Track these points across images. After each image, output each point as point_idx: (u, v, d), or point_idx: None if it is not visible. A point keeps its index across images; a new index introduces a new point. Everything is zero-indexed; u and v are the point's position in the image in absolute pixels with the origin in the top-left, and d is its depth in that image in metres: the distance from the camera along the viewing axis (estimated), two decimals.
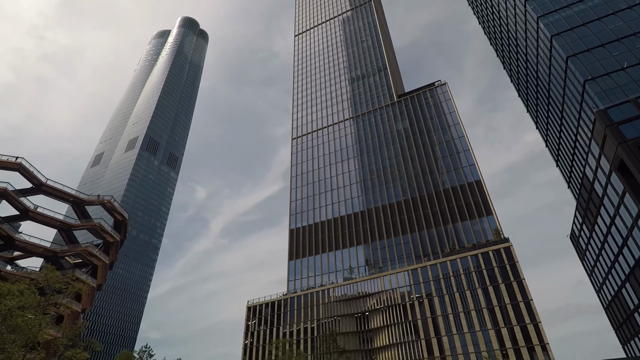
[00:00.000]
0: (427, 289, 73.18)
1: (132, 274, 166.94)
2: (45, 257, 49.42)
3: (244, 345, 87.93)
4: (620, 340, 53.33)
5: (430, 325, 69.49)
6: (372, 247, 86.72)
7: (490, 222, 76.54)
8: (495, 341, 62.46)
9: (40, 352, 22.78)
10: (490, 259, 69.08)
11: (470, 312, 66.77)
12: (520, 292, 63.77)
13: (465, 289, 68.94)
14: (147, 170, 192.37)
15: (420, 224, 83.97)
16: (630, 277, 42.15)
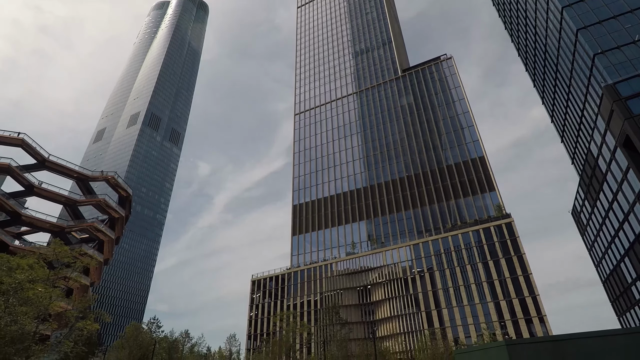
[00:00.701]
0: (428, 263, 74.31)
1: (138, 249, 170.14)
2: (52, 233, 50.26)
3: (249, 317, 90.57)
4: (616, 312, 54.46)
5: (430, 298, 71.04)
6: (374, 223, 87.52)
7: (492, 198, 76.72)
8: (494, 313, 63.95)
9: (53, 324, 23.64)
10: (491, 234, 69.69)
11: (470, 285, 68.05)
12: (520, 267, 64.71)
13: (466, 264, 69.98)
14: (150, 146, 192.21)
15: (422, 200, 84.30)
16: (629, 252, 42.55)
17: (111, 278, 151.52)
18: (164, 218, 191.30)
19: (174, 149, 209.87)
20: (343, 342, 55.63)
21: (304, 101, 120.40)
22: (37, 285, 20.42)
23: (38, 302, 19.53)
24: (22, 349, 18.06)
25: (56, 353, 38.21)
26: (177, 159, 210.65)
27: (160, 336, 57.36)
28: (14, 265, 21.39)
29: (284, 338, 61.62)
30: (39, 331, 21.91)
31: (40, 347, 20.56)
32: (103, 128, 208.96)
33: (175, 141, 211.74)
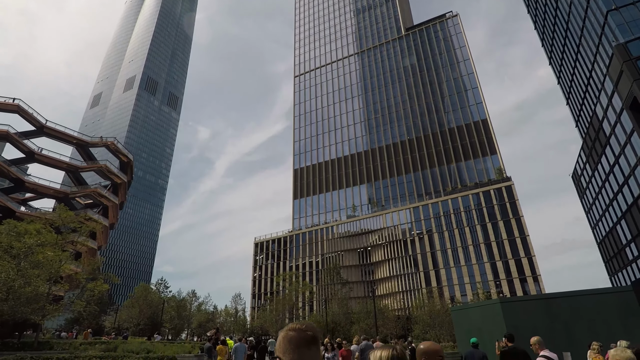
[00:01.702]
0: (427, 225, 75.65)
1: (142, 213, 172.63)
2: (57, 198, 50.86)
3: (253, 278, 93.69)
4: (609, 272, 56.12)
5: (429, 259, 73.02)
6: (375, 186, 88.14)
7: (493, 161, 76.68)
8: (490, 273, 65.99)
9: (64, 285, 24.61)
10: (491, 197, 70.36)
11: (468, 247, 69.70)
12: (517, 229, 65.93)
13: (465, 226, 71.24)
14: (148, 111, 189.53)
15: (423, 163, 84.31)
16: (626, 215, 43.13)
17: (118, 242, 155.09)
18: (166, 183, 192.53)
19: (173, 114, 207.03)
20: (344, 300, 57.87)
21: (303, 62, 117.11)
22: (47, 249, 20.99)
23: (49, 265, 20.19)
24: (38, 308, 18.92)
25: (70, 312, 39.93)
26: (176, 123, 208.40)
27: (168, 296, 59.68)
28: (22, 230, 21.91)
29: (287, 297, 64.05)
30: (52, 292, 22.81)
31: (55, 306, 21.52)
32: (99, 92, 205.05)
33: (173, 105, 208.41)
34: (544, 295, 23.85)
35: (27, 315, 18.77)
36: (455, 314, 22.44)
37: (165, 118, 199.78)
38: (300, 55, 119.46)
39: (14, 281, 16.79)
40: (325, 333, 45.44)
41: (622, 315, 14.47)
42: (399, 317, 52.77)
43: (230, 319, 66.24)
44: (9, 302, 16.50)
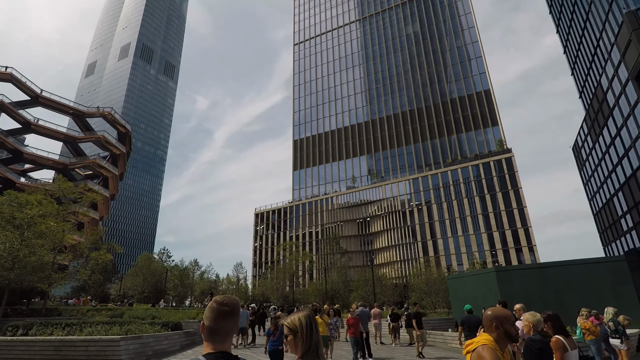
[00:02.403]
0: (426, 196, 76.20)
1: (142, 184, 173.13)
2: (56, 169, 50.79)
3: (253, 247, 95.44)
4: (603, 242, 57.10)
5: (427, 229, 74.10)
6: (375, 157, 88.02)
7: (494, 132, 76.18)
8: (487, 243, 67.20)
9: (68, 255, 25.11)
10: (490, 169, 70.45)
11: (465, 217, 70.56)
12: (515, 200, 66.49)
13: (463, 197, 71.80)
14: (144, 80, 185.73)
15: (424, 134, 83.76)
16: (624, 187, 43.36)
17: (120, 213, 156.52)
18: (165, 154, 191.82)
19: (170, 83, 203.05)
20: (343, 269, 59.21)
21: (303, 29, 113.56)
22: (49, 219, 21.23)
23: (52, 236, 20.50)
24: (44, 277, 19.40)
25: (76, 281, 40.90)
26: (173, 93, 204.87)
27: (171, 265, 60.99)
28: (23, 201, 22.06)
29: (288, 266, 65.47)
30: (57, 261, 23.30)
31: (60, 275, 22.06)
32: (94, 61, 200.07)
33: (170, 75, 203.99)
34: (537, 264, 24.43)
35: (34, 284, 19.29)
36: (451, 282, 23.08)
37: (162, 87, 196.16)
38: (300, 22, 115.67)
39: (19, 251, 17.12)
40: (325, 300, 46.83)
41: (613, 283, 14.90)
42: (396, 285, 54.20)
43: (232, 287, 68.01)
44: (15, 271, 16.89)
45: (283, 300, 55.88)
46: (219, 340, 1.73)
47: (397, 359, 12.99)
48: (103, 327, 12.99)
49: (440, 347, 15.54)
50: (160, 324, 15.38)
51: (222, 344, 1.74)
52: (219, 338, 1.73)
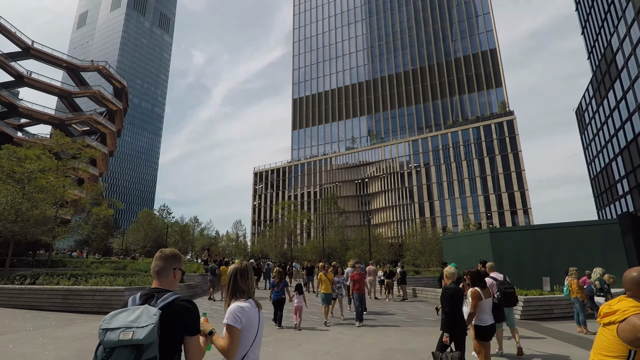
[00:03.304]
0: (425, 158, 76.22)
1: (140, 141, 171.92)
2: (52, 125, 50.12)
3: (252, 206, 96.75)
4: (597, 206, 58.00)
5: (424, 191, 74.86)
6: (375, 118, 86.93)
7: (498, 94, 74.74)
8: (483, 205, 68.21)
9: (70, 209, 25.49)
10: (491, 131, 69.90)
11: (463, 180, 71.07)
12: (514, 163, 66.65)
13: (462, 159, 71.86)
14: (139, 32, 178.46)
15: (426, 95, 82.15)
16: (623, 151, 43.33)
17: (119, 169, 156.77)
18: (163, 111, 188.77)
19: (165, 37, 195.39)
20: (340, 228, 60.51)
21: None
22: (48, 174, 21.28)
23: (53, 190, 20.66)
24: (47, 230, 19.80)
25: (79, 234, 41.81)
26: (169, 47, 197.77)
27: (171, 221, 62.09)
28: (22, 155, 21.99)
29: (286, 224, 66.78)
30: (59, 215, 23.66)
31: (63, 229, 22.50)
32: (85, 11, 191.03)
33: (165, 28, 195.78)
34: (530, 226, 24.95)
35: (38, 236, 19.74)
36: (446, 242, 23.70)
37: (157, 41, 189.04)
38: None
39: (21, 204, 17.32)
40: (322, 257, 48.28)
41: (603, 245, 15.32)
42: (392, 245, 55.68)
43: (232, 244, 69.75)
44: (18, 224, 17.21)
45: (281, 257, 57.57)
46: (158, 278, 2.20)
47: (390, 311, 13.62)
48: (107, 279, 13.47)
49: (431, 303, 16.24)
50: None
51: (160, 281, 2.19)
52: (158, 276, 2.20)
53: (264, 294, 18.87)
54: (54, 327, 9.27)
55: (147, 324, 1.78)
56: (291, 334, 9.18)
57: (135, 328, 1.76)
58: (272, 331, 9.47)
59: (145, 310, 1.87)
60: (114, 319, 1.83)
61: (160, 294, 2.04)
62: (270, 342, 8.19)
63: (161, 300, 1.99)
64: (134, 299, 2.02)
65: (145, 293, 2.06)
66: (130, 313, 1.85)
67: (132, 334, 1.74)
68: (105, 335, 1.76)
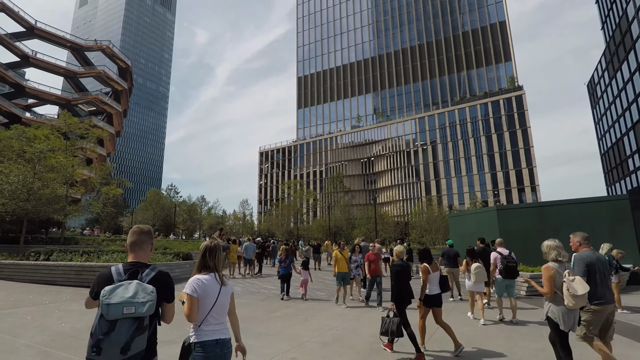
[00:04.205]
0: (432, 136, 75.42)
1: (146, 122, 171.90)
2: (59, 105, 50.23)
3: (259, 185, 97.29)
4: (607, 182, 57.40)
5: (431, 169, 74.47)
6: (381, 96, 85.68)
7: (507, 68, 72.92)
8: (490, 183, 67.83)
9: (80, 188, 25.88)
10: (499, 107, 68.66)
11: (470, 157, 70.43)
12: (523, 140, 65.72)
13: (470, 137, 71.00)
14: (141, 11, 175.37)
15: (433, 71, 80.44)
16: (636, 125, 42.44)
17: (126, 150, 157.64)
18: (167, 91, 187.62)
19: (168, 15, 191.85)
20: (346, 207, 60.79)
21: None
22: (58, 154, 21.53)
23: (63, 170, 20.93)
24: (59, 208, 20.20)
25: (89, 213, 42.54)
26: (172, 25, 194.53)
27: (179, 200, 62.84)
28: (31, 135, 22.21)
29: (292, 203, 67.24)
30: (70, 194, 24.05)
31: (74, 207, 22.94)
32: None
33: (167, 5, 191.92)
34: (538, 203, 24.83)
35: (50, 215, 20.17)
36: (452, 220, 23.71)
37: (160, 19, 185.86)
38: None
39: (32, 183, 17.63)
40: (328, 236, 48.79)
41: (612, 221, 15.23)
42: (397, 223, 55.94)
43: (239, 223, 70.64)
44: (31, 202, 17.56)
45: (288, 235, 58.27)
46: (136, 252, 2.46)
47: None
48: (119, 255, 13.79)
49: None
50: (172, 254, 16.25)
51: (138, 255, 2.46)
52: (136, 250, 2.46)
53: (272, 271, 19.26)
54: (68, 301, 9.59)
55: (146, 300, 2.14)
56: (297, 310, 9.40)
57: (136, 303, 2.10)
58: (278, 307, 9.71)
59: (140, 287, 2.19)
60: (112, 294, 2.11)
61: (142, 269, 2.37)
62: (277, 317, 8.41)
63: (146, 274, 2.33)
64: (119, 271, 2.31)
65: (129, 268, 2.33)
66: (125, 288, 2.15)
67: (135, 308, 2.08)
68: (108, 309, 2.06)
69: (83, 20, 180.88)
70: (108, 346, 2.03)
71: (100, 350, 2.03)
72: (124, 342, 2.05)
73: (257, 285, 13.83)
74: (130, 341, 2.07)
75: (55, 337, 6.15)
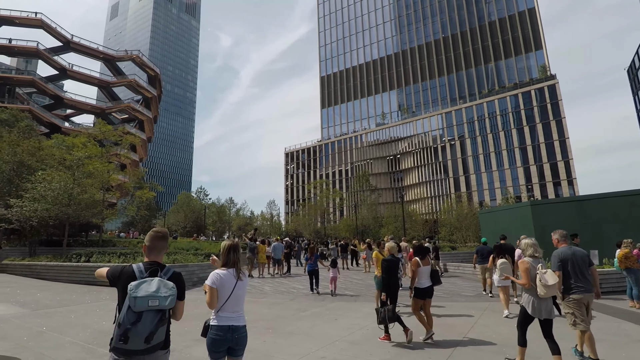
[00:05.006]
0: (460, 131, 73.51)
1: (175, 127, 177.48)
2: (94, 114, 52.78)
3: (285, 186, 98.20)
4: None
5: (459, 165, 72.60)
6: (405, 92, 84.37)
7: (537, 57, 69.90)
8: (523, 177, 65.32)
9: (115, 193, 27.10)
10: (531, 98, 66.00)
11: (501, 151, 68.10)
12: (557, 131, 62.89)
13: (500, 130, 68.67)
14: (167, 20, 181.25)
15: (458, 64, 78.34)
16: None
17: (157, 154, 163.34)
18: (195, 96, 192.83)
19: (192, 22, 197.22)
20: (373, 205, 60.25)
21: None
22: (94, 161, 22.61)
23: (99, 175, 21.98)
24: (97, 212, 21.23)
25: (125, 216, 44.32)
26: (197, 32, 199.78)
27: (208, 202, 64.37)
28: (70, 144, 23.45)
29: (318, 203, 67.38)
30: (106, 199, 25.20)
31: (111, 211, 24.04)
32: (117, 2, 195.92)
33: (192, 13, 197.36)
34: (576, 197, 23.66)
35: (89, 218, 21.23)
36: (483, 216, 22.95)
37: (185, 27, 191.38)
38: None
39: (72, 189, 18.61)
40: (356, 235, 48.55)
41: None
42: (426, 221, 54.88)
43: (267, 223, 71.49)
44: (71, 207, 18.56)
45: (315, 235, 58.44)
46: (154, 254, 2.64)
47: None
48: None
49: (467, 278, 16.04)
50: (203, 254, 16.69)
51: (155, 256, 2.64)
52: (154, 252, 2.64)
53: (298, 270, 19.38)
54: (108, 300, 10.03)
55: (168, 294, 2.38)
56: (327, 309, 9.40)
57: (160, 297, 2.34)
58: (308, 305, 9.75)
59: (162, 283, 2.42)
60: (138, 288, 2.33)
61: (161, 268, 2.59)
62: (307, 316, 8.44)
63: (164, 273, 2.55)
64: (140, 269, 2.52)
65: (149, 267, 2.56)
66: (149, 284, 2.38)
67: (158, 301, 2.31)
68: (135, 302, 2.28)
69: (114, 31, 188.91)
70: (135, 335, 2.24)
71: (127, 339, 2.24)
72: (148, 332, 2.27)
73: (286, 285, 13.96)
74: (154, 331, 2.30)
75: (97, 335, 6.45)
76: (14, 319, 7.66)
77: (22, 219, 17.54)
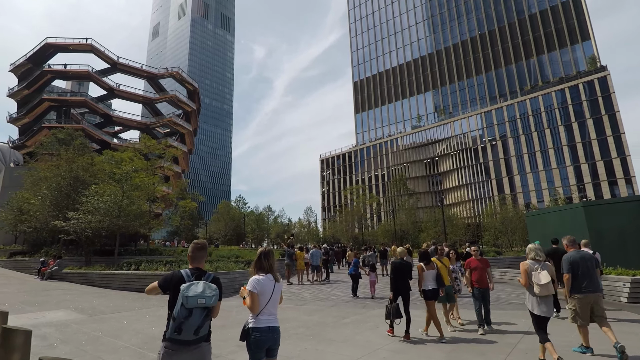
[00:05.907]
0: (501, 130, 70.49)
1: (214, 138, 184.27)
2: (140, 129, 56.04)
3: (321, 192, 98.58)
4: None
5: (502, 165, 69.51)
6: (441, 92, 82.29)
7: (585, 48, 65.71)
8: (573, 177, 61.38)
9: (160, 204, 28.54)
10: (579, 92, 62.07)
11: (547, 150, 64.46)
12: (610, 126, 58.62)
13: (545, 128, 65.09)
14: (204, 36, 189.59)
15: (497, 61, 75.33)
16: None
17: (198, 166, 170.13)
18: (231, 107, 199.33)
19: (227, 36, 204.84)
20: (411, 210, 58.94)
21: None
22: (141, 174, 23.93)
23: (145, 188, 23.22)
24: (144, 223, 22.39)
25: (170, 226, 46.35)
26: (232, 46, 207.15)
27: (247, 211, 65.98)
28: (118, 158, 25.02)
29: (355, 208, 66.92)
30: (153, 210, 26.53)
31: (157, 221, 25.31)
32: (157, 23, 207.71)
33: (227, 27, 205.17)
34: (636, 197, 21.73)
35: (137, 229, 22.45)
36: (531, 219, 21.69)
37: (220, 42, 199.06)
38: None
39: (122, 201, 19.80)
40: (394, 240, 47.65)
41: None
42: (468, 225, 52.84)
43: (305, 230, 72.05)
44: (121, 218, 19.75)
45: (353, 241, 58.04)
46: (196, 262, 3.13)
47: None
48: None
49: (514, 285, 15.21)
50: (244, 262, 17.06)
51: (198, 264, 3.13)
52: (196, 260, 3.13)
53: (337, 276, 19.23)
54: (157, 307, 10.49)
55: (212, 295, 2.84)
56: (368, 316, 9.25)
57: (206, 296, 2.79)
58: (349, 313, 9.65)
59: (207, 285, 2.86)
60: (189, 289, 2.79)
61: (203, 273, 3.03)
62: (348, 323, 8.34)
63: (206, 277, 2.99)
64: (187, 274, 2.97)
65: (194, 272, 3.01)
66: (196, 286, 2.83)
67: (205, 300, 2.78)
68: (187, 300, 2.73)
69: (155, 51, 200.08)
70: (187, 327, 2.71)
71: (181, 331, 2.71)
72: (197, 325, 2.74)
73: (325, 292, 13.92)
74: (201, 325, 2.77)
75: (148, 340, 6.74)
76: (73, 324, 8.19)
77: (79, 230, 18.89)
